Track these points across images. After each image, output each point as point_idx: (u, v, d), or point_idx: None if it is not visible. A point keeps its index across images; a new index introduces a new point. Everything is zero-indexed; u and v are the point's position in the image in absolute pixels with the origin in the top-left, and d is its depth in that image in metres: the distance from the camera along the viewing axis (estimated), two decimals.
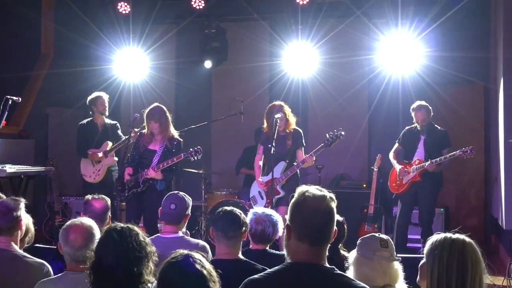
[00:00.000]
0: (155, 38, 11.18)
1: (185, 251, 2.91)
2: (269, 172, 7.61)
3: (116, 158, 9.18)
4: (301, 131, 8.02)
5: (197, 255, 2.89)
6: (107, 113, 9.15)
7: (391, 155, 8.62)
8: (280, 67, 10.93)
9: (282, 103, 7.98)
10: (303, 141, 7.96)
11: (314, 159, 7.71)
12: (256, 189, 8.19)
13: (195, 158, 7.51)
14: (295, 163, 7.86)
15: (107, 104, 9.10)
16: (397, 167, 8.41)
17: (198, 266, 2.82)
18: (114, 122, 9.38)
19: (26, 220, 4.62)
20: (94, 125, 9.13)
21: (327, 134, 7.71)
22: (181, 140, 7.77)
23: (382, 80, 10.44)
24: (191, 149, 7.47)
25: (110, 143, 9.09)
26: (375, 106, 10.98)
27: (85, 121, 9.19)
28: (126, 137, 8.36)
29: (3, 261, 4.13)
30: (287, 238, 2.91)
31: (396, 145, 8.64)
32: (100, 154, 8.97)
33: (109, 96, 9.16)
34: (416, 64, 9.93)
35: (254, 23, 11.49)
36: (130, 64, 11.00)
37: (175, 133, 7.78)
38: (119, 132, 9.30)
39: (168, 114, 7.74)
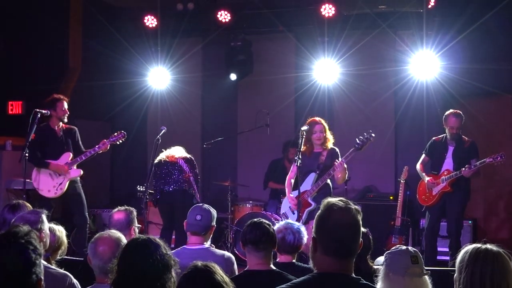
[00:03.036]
0: (182, 52, 11.23)
1: (201, 262, 2.97)
2: (297, 186, 7.49)
3: (81, 171, 8.45)
4: (338, 150, 7.73)
5: (215, 267, 2.94)
6: (66, 120, 8.40)
7: (418, 166, 8.52)
8: (305, 79, 10.92)
9: (322, 120, 7.81)
10: (339, 159, 7.60)
11: (345, 166, 7.41)
12: (287, 205, 7.94)
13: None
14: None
15: (67, 109, 8.36)
16: (426, 179, 8.33)
17: (217, 278, 2.87)
18: (73, 127, 8.60)
19: (59, 232, 4.66)
20: (51, 130, 8.31)
21: (357, 138, 7.48)
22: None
23: (407, 92, 10.40)
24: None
25: (71, 155, 8.35)
26: (401, 118, 10.92)
27: (41, 125, 8.22)
28: (97, 149, 8.28)
29: None
30: (313, 250, 2.91)
31: (423, 156, 8.53)
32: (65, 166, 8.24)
33: (137, 109, 9.14)
34: (441, 76, 9.86)
35: (280, 35, 11.50)
36: (158, 77, 11.03)
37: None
38: (79, 139, 8.56)
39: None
